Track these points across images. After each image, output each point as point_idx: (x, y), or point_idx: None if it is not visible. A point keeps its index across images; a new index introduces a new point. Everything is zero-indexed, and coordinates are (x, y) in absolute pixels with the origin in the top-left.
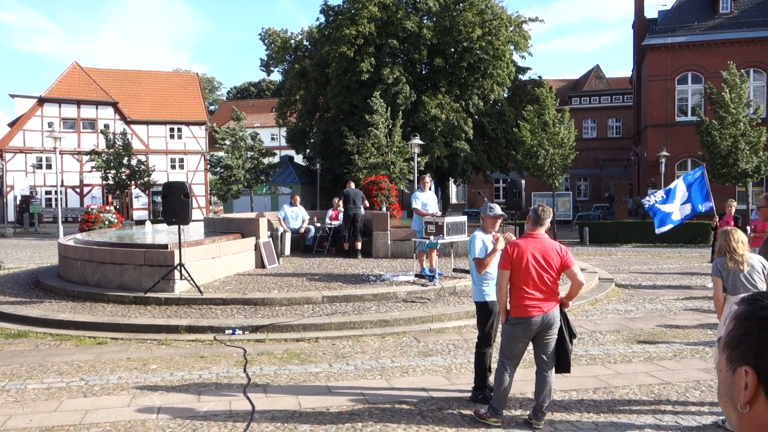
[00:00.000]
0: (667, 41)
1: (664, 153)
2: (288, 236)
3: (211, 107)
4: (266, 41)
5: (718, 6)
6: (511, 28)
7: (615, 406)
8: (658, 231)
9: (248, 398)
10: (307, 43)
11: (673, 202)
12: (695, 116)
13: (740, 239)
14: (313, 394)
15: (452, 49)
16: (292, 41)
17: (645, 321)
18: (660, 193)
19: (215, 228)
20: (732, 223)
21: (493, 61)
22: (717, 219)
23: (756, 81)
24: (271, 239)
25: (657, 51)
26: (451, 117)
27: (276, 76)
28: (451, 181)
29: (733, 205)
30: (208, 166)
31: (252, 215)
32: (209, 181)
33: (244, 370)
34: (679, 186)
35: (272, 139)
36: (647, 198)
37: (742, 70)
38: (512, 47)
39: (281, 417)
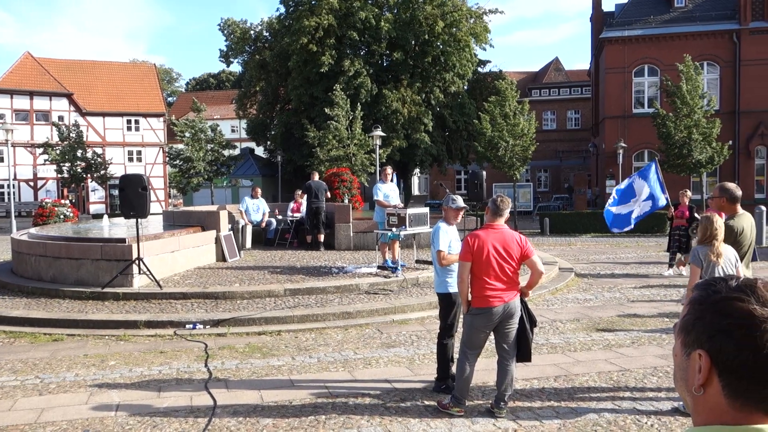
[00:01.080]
0: (624, 34)
1: (622, 144)
2: (249, 229)
3: (170, 99)
4: (225, 32)
5: (673, 0)
6: (472, 20)
7: (575, 393)
8: (616, 231)
9: (210, 393)
10: (267, 34)
11: (631, 201)
12: (652, 108)
13: (722, 226)
14: (275, 388)
15: (413, 42)
16: (252, 32)
17: (604, 309)
18: (612, 195)
19: (175, 221)
20: (687, 213)
21: (455, 53)
22: (672, 209)
23: (709, 74)
24: (232, 232)
25: (614, 44)
26: (412, 111)
27: (236, 68)
28: (413, 172)
29: (688, 195)
30: (167, 158)
31: (212, 208)
32: (168, 174)
33: (206, 365)
34: (637, 182)
35: (233, 131)
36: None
37: (696, 63)
38: (473, 39)
39: (243, 411)
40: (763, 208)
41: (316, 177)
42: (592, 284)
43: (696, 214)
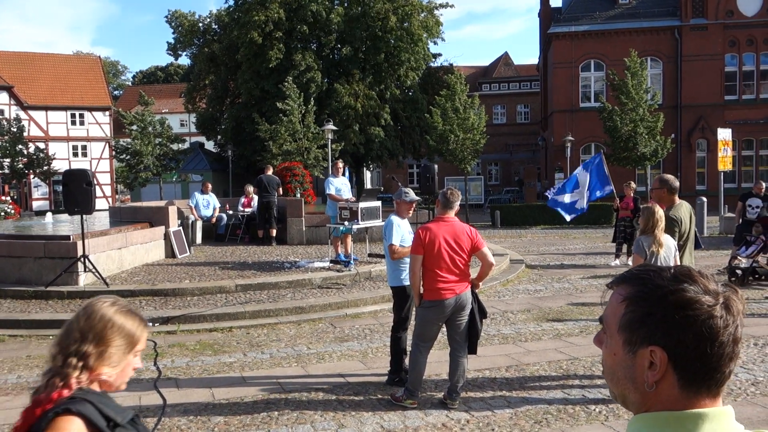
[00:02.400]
0: (571, 30)
1: (570, 138)
2: (199, 225)
3: (116, 92)
4: (173, 24)
5: None
6: (423, 14)
7: (526, 383)
8: (569, 219)
9: (159, 392)
10: (216, 26)
11: (574, 192)
12: (598, 102)
13: (662, 216)
14: (227, 385)
15: (364, 36)
16: (201, 24)
17: (553, 300)
18: (557, 186)
19: (122, 217)
20: (632, 204)
21: (408, 47)
22: (618, 201)
23: (653, 69)
24: (181, 228)
25: (561, 39)
26: (366, 105)
27: (184, 61)
28: (366, 166)
29: (633, 187)
30: (114, 153)
31: (161, 203)
32: (115, 169)
33: (155, 364)
34: (581, 174)
35: (181, 125)
36: (550, 191)
37: (640, 58)
38: (425, 34)
39: (194, 409)
40: (704, 199)
41: (270, 171)
42: (542, 275)
43: (640, 206)
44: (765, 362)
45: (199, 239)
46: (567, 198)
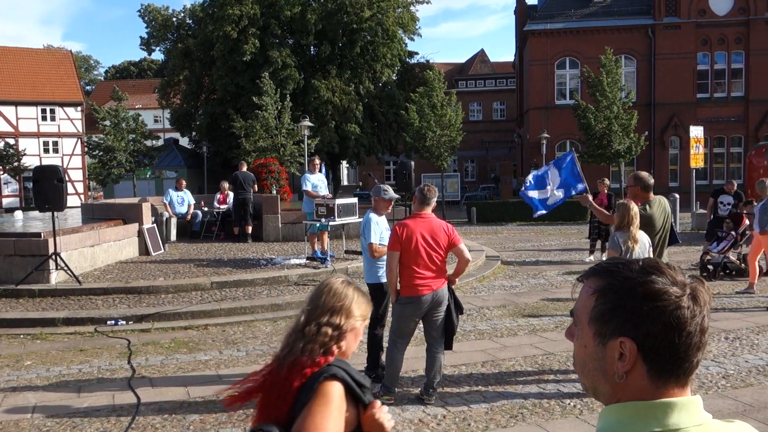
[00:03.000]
0: (547, 27)
1: (545, 135)
2: (174, 222)
3: (88, 87)
4: (146, 19)
5: None
6: (399, 10)
7: (502, 378)
8: (536, 214)
9: (133, 390)
10: (191, 21)
11: (546, 188)
12: (573, 100)
13: (637, 212)
14: (202, 383)
15: (340, 32)
16: (174, 19)
17: (529, 295)
18: (528, 178)
19: (94, 214)
20: (606, 201)
21: (383, 42)
22: (592, 197)
23: (627, 67)
24: (155, 225)
25: (537, 37)
26: (343, 100)
27: (158, 56)
28: (343, 163)
29: (606, 184)
30: (87, 149)
31: (135, 200)
32: (87, 165)
33: (129, 362)
34: (551, 171)
35: (155, 121)
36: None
37: (616, 56)
38: (400, 30)
39: (169, 408)
40: (677, 195)
41: (244, 168)
42: (517, 271)
43: (614, 202)
44: (735, 356)
45: (173, 236)
46: (537, 194)
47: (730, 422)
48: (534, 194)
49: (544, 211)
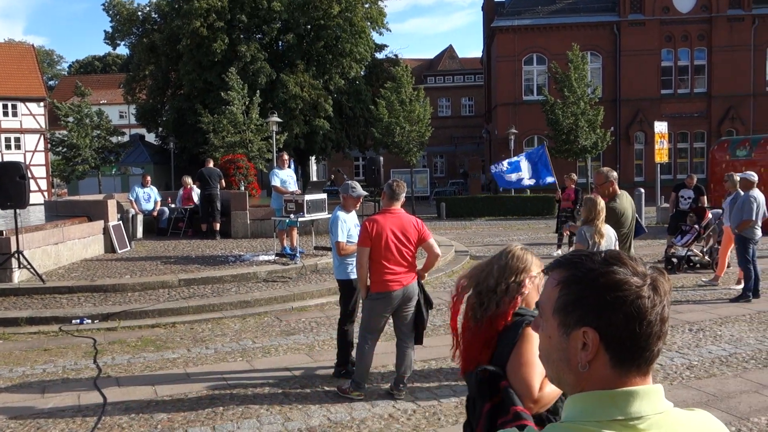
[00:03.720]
0: (514, 24)
1: (513, 130)
2: (140, 219)
3: (51, 82)
4: (110, 12)
5: None
6: (367, 5)
7: None
8: (501, 187)
9: (99, 390)
10: (156, 15)
11: (519, 173)
12: (541, 95)
13: (603, 207)
14: (170, 382)
15: (307, 26)
16: (140, 13)
17: None
18: (505, 164)
19: (58, 212)
20: (573, 195)
21: (351, 37)
22: (559, 192)
23: (593, 63)
24: (121, 222)
25: (505, 33)
26: (312, 94)
27: (123, 50)
28: (312, 158)
29: (573, 179)
30: (50, 145)
31: (100, 197)
32: (51, 162)
33: (95, 361)
34: (523, 162)
35: (121, 116)
36: (494, 165)
37: (582, 52)
38: (369, 24)
39: (136, 407)
40: (642, 190)
41: (211, 164)
42: None
43: (581, 197)
44: (699, 347)
45: (140, 234)
46: (507, 176)
47: (690, 410)
48: (510, 177)
49: (508, 186)
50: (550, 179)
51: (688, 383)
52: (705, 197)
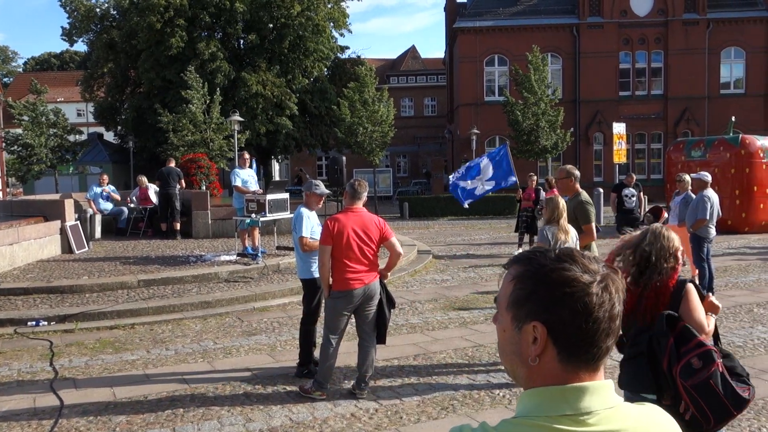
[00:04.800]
0: (476, 25)
1: (475, 131)
2: (98, 218)
3: (5, 79)
4: (68, 8)
5: None
6: (330, 5)
7: (433, 371)
8: (465, 205)
9: (56, 393)
10: (115, 12)
11: (476, 178)
12: (502, 96)
13: (565, 206)
14: (129, 384)
15: (270, 25)
16: (98, 9)
17: (460, 289)
18: (461, 170)
19: (13, 211)
20: (534, 195)
21: (314, 37)
22: (520, 192)
23: (553, 65)
24: (78, 222)
25: (466, 34)
26: (275, 92)
27: (81, 47)
28: (274, 158)
29: (535, 179)
30: (4, 144)
31: (56, 197)
32: (5, 161)
33: (51, 364)
34: (484, 163)
35: (78, 115)
36: (452, 176)
37: (542, 54)
38: (331, 24)
39: (94, 410)
40: (601, 190)
41: (172, 163)
42: (448, 265)
43: (542, 197)
44: None
45: (98, 234)
46: (469, 184)
47: (640, 404)
48: (465, 184)
49: (470, 200)
50: (512, 179)
51: None
52: (642, 194)
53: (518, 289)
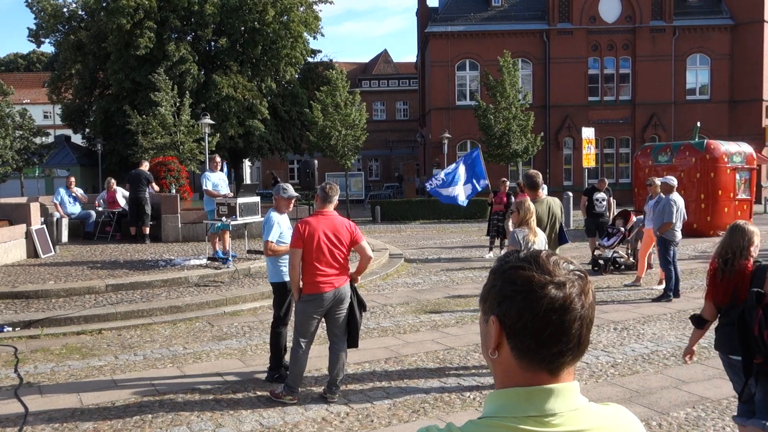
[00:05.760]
0: (448, 29)
1: (447, 135)
2: (65, 222)
3: None
4: (34, 9)
5: None
6: (302, 9)
7: (405, 374)
8: (463, 203)
9: (20, 400)
10: (83, 12)
11: (457, 185)
12: (473, 101)
13: (533, 210)
14: (96, 390)
15: (241, 29)
16: (65, 10)
17: (431, 292)
18: (441, 176)
19: None
20: (505, 199)
21: (286, 41)
22: (492, 196)
23: (524, 70)
24: (45, 226)
25: (438, 38)
26: (246, 95)
27: (48, 48)
28: (246, 161)
29: (507, 184)
30: None
31: (22, 200)
32: None
33: (15, 370)
34: (460, 168)
35: (45, 117)
36: (430, 182)
37: (513, 59)
38: (304, 29)
39: (60, 417)
40: (570, 194)
41: (144, 166)
42: (420, 269)
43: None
44: (623, 345)
45: (65, 238)
46: (450, 191)
47: (605, 405)
48: (447, 192)
49: (466, 201)
50: (484, 182)
51: (613, 380)
52: (611, 198)
53: (487, 283)
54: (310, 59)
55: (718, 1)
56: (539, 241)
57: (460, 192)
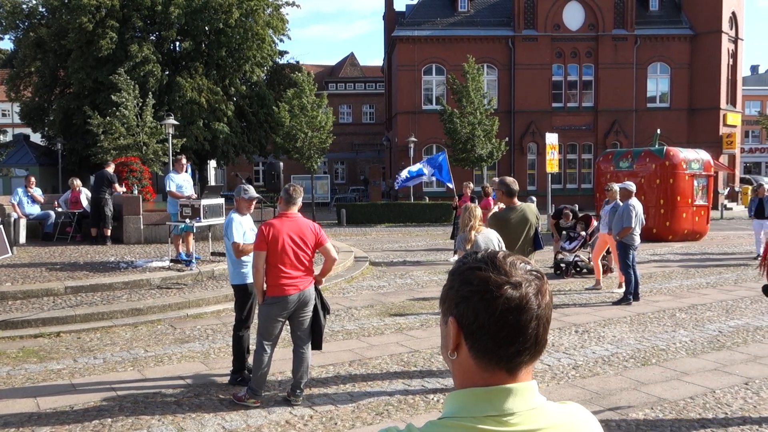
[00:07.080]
0: (414, 34)
1: (413, 138)
2: (23, 223)
3: None
4: None
5: (457, 4)
6: (269, 11)
7: (369, 377)
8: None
9: None
10: (44, 9)
11: (424, 175)
12: (439, 105)
13: (477, 215)
14: (54, 394)
15: (206, 30)
16: (25, 6)
17: (396, 295)
18: (404, 173)
19: None
20: (469, 202)
21: (252, 42)
22: (456, 199)
23: (489, 75)
24: (2, 226)
25: (405, 43)
26: (210, 99)
27: (6, 44)
28: (210, 163)
29: (470, 187)
30: None
31: None
32: None
33: None
34: (425, 168)
35: (3, 115)
36: (396, 180)
37: (478, 65)
38: (270, 30)
39: (16, 421)
40: (534, 198)
41: (110, 168)
42: (385, 272)
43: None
44: (584, 347)
45: (23, 239)
46: (415, 180)
47: (563, 404)
48: (414, 181)
49: (432, 177)
50: (449, 185)
51: (574, 382)
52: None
53: (446, 284)
54: (277, 60)
55: (678, 11)
56: (483, 245)
57: (426, 174)
